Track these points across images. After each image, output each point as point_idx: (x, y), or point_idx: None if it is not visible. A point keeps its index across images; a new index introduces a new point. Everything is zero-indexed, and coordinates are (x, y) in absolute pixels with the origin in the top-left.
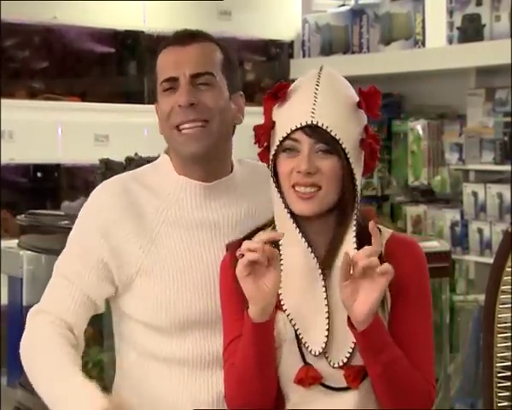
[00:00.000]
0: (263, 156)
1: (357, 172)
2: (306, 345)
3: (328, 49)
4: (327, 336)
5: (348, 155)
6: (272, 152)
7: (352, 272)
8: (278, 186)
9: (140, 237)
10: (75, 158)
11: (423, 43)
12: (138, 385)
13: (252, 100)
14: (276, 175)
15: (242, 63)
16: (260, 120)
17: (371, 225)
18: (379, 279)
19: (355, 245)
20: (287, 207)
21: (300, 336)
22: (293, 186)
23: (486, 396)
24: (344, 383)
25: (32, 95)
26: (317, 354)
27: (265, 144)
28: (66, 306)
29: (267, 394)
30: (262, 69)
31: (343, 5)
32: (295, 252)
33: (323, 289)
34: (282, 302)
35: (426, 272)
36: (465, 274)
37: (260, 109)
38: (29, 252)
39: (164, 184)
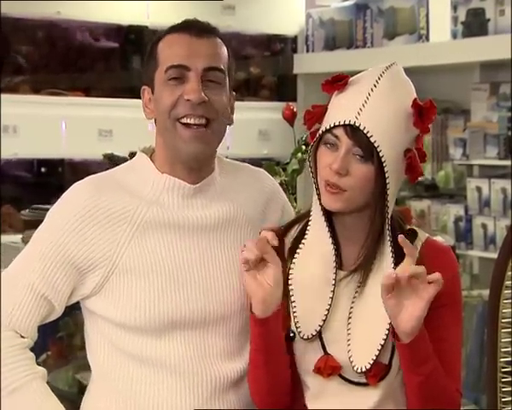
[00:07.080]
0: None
1: (393, 180)
2: (299, 330)
3: (331, 44)
4: (320, 326)
5: (385, 164)
6: (315, 141)
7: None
8: (316, 177)
9: (115, 237)
10: (79, 153)
11: (427, 38)
12: (111, 384)
13: (255, 95)
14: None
15: (246, 58)
16: (263, 115)
17: (400, 239)
18: (425, 289)
19: (392, 257)
20: (319, 199)
21: (295, 320)
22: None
23: (490, 391)
24: (363, 378)
25: (36, 90)
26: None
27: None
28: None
29: (276, 384)
30: (265, 64)
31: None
32: (321, 249)
33: (331, 294)
34: (291, 292)
35: (459, 281)
36: (469, 269)
37: (263, 104)
38: None
39: (143, 184)
